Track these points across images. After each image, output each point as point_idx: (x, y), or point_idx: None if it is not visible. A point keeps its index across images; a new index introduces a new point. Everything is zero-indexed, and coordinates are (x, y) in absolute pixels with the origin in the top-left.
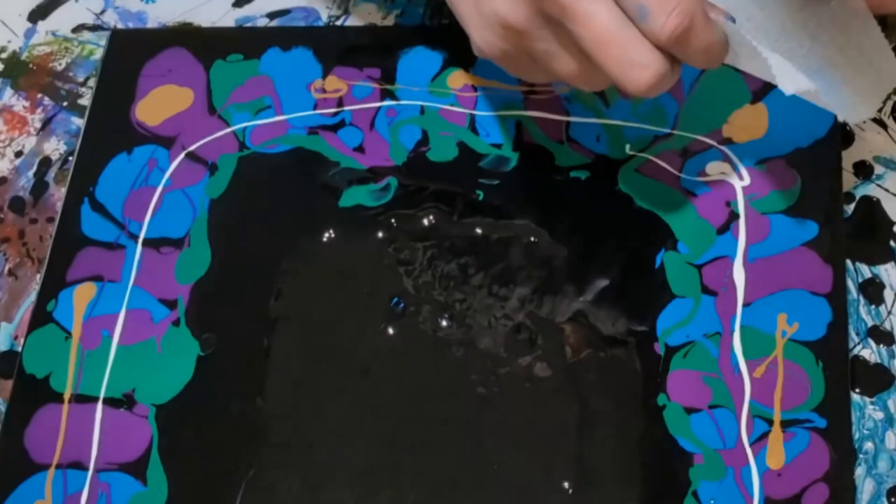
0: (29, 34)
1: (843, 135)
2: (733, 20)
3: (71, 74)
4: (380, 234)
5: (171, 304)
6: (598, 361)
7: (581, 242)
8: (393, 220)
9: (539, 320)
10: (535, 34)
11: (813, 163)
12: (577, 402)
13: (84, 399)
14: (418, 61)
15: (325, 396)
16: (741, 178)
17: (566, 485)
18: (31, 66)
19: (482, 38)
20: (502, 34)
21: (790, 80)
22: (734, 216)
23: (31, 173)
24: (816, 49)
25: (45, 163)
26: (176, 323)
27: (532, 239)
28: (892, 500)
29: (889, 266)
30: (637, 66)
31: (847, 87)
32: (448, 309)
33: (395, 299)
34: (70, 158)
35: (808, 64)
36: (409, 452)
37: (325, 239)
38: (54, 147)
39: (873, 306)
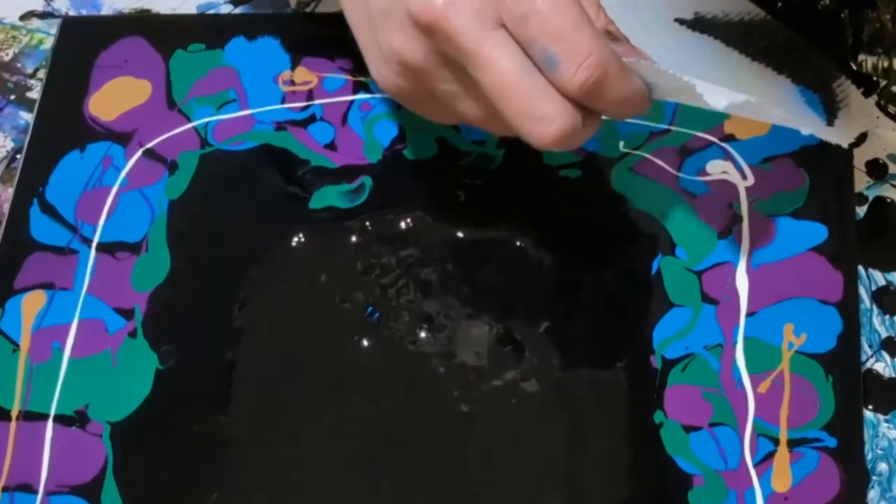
0: None
1: None
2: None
3: (19, 65)
4: (353, 239)
5: (127, 314)
6: (589, 376)
7: (571, 247)
8: (368, 223)
9: (526, 332)
10: (434, 74)
11: (822, 161)
12: (567, 421)
13: (33, 416)
14: None
15: (295, 414)
16: (744, 177)
17: None
18: None
19: (380, 73)
20: (400, 71)
21: (720, 95)
22: (737, 219)
23: None
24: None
25: None
26: (133, 334)
27: (518, 244)
28: None
29: None
30: (540, 118)
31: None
32: (427, 319)
33: (370, 309)
34: (18, 156)
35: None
36: (387, 475)
37: (294, 243)
38: (1, 144)
39: (887, 316)
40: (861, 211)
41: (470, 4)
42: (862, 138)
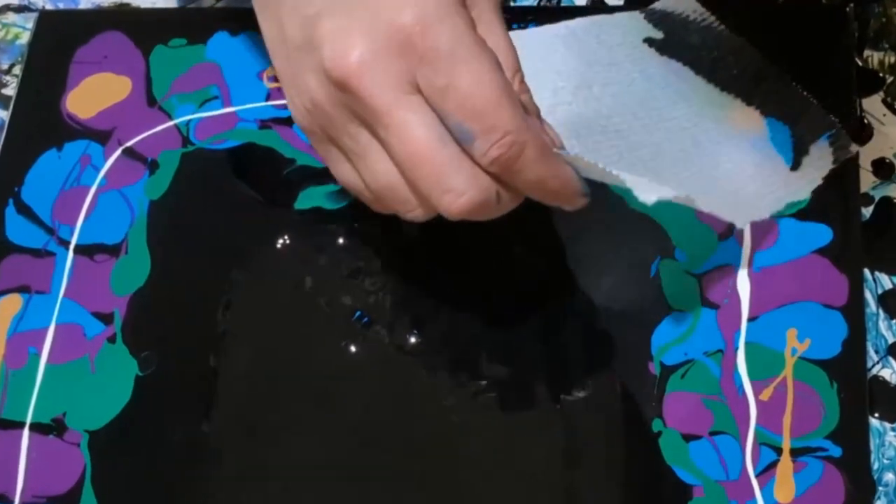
0: None
1: (860, 130)
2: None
3: None
4: (340, 241)
5: (106, 319)
6: (585, 383)
7: (567, 250)
8: (355, 224)
9: (520, 337)
10: (343, 127)
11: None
12: (562, 429)
13: (9, 425)
14: None
15: (280, 422)
16: None
17: None
18: None
19: (291, 102)
20: (311, 109)
21: (649, 189)
22: None
23: None
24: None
25: None
26: (112, 339)
27: (512, 246)
28: None
29: None
30: (451, 191)
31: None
32: (417, 324)
33: (358, 313)
34: None
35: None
36: (376, 486)
37: (278, 245)
38: None
39: (894, 321)
40: (867, 212)
41: (386, 66)
42: (867, 137)
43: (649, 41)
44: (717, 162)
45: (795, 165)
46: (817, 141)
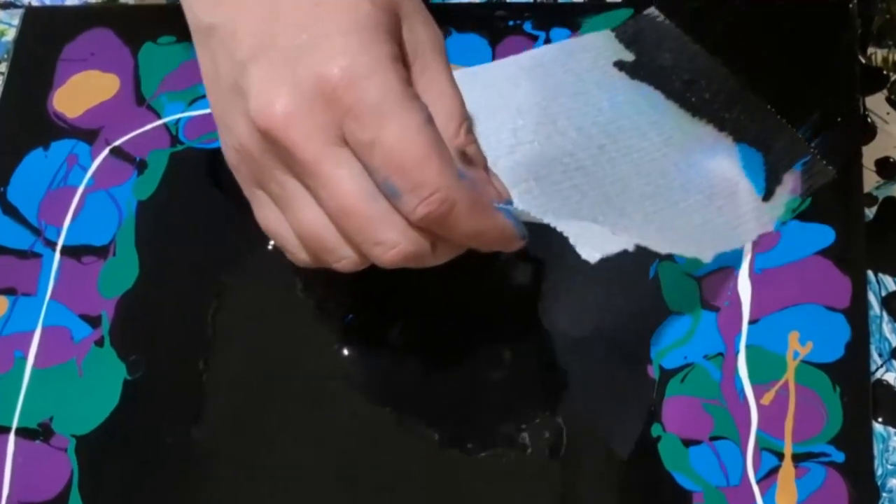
0: None
1: (863, 128)
2: (509, 203)
3: None
4: None
5: (93, 321)
6: (583, 386)
7: (563, 251)
8: None
9: (516, 339)
10: (268, 174)
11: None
12: (559, 434)
13: None
14: None
15: (271, 427)
16: None
17: None
18: None
19: (222, 138)
20: (239, 151)
21: (593, 245)
22: None
23: None
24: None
25: None
26: (99, 342)
27: None
28: None
29: None
30: (382, 243)
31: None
32: (409, 327)
33: (350, 316)
34: None
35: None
36: (368, 488)
37: (269, 247)
38: None
39: None
40: (870, 212)
41: (312, 118)
42: (871, 136)
43: (620, 64)
44: (685, 194)
45: (767, 195)
46: (791, 169)
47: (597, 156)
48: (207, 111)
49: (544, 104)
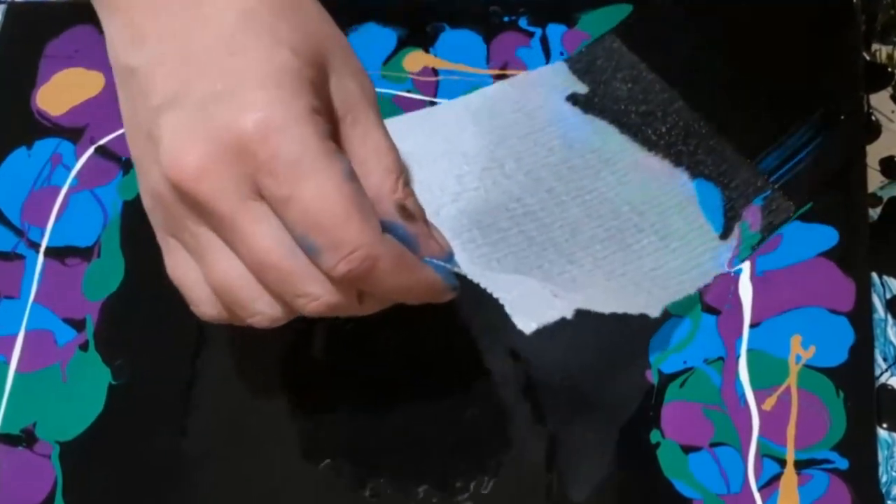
0: None
1: (867, 126)
2: (450, 255)
3: None
4: None
5: (78, 325)
6: (579, 391)
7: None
8: None
9: (511, 342)
10: (181, 223)
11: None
12: (555, 439)
13: None
14: (368, 40)
15: (259, 432)
16: None
17: None
18: None
19: (139, 180)
20: (154, 197)
21: (529, 314)
22: None
23: None
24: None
25: None
26: (84, 346)
27: None
28: None
29: None
30: (304, 296)
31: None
32: (402, 331)
33: (349, 323)
34: None
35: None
36: (358, 495)
37: None
38: None
39: None
40: (874, 213)
41: (225, 172)
42: (875, 135)
43: (573, 98)
44: (639, 235)
45: (725, 233)
46: (750, 204)
47: (545, 199)
48: None
49: (492, 148)
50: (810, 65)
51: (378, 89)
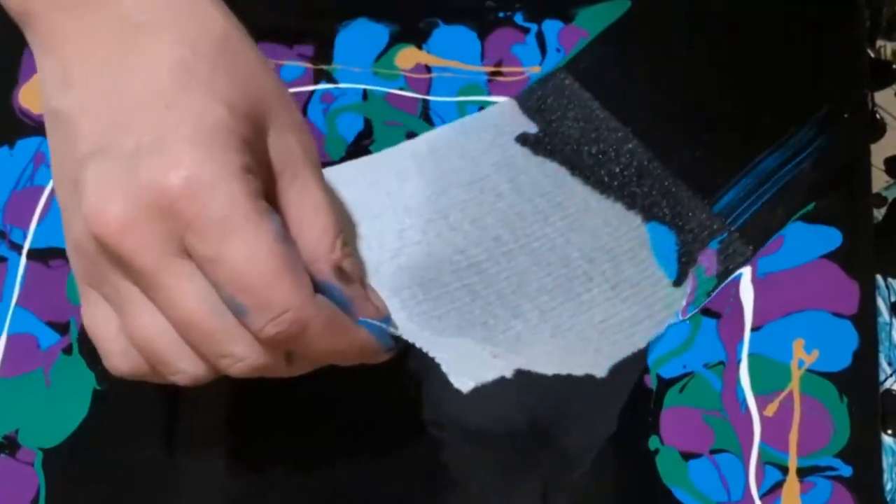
0: None
1: (871, 125)
2: (387, 320)
3: None
4: None
5: (61, 328)
6: (576, 396)
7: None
8: None
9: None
10: (103, 276)
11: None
12: (550, 446)
13: None
14: (360, 36)
15: (248, 439)
16: None
17: None
18: None
19: (63, 228)
20: (76, 247)
21: (465, 375)
22: None
23: None
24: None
25: None
26: (67, 350)
27: None
28: None
29: None
30: (228, 356)
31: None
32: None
33: None
34: None
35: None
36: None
37: None
38: None
39: None
40: (879, 213)
41: (149, 228)
42: (880, 134)
43: (523, 139)
44: (588, 284)
45: (679, 280)
46: (706, 248)
47: (492, 249)
48: None
49: (435, 198)
50: (813, 61)
51: (370, 87)
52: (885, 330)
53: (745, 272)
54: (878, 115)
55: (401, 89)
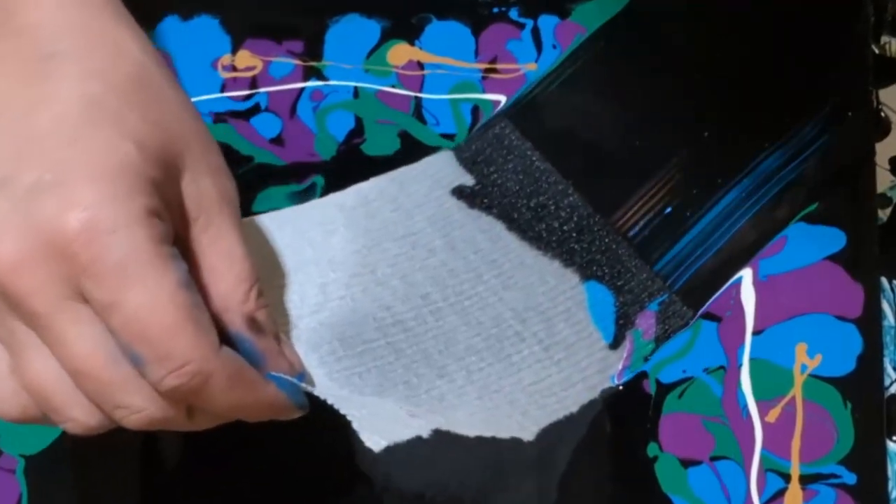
0: None
1: (876, 123)
2: (301, 376)
3: None
4: None
5: None
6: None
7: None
8: None
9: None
10: None
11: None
12: (548, 454)
13: None
14: (351, 32)
15: (236, 443)
16: None
17: None
18: None
19: None
20: None
21: (377, 434)
22: None
23: None
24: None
25: None
26: None
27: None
28: None
29: None
30: (124, 407)
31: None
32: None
33: None
34: None
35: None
36: None
37: None
38: None
39: None
40: (884, 214)
41: (44, 270)
42: (885, 133)
43: (459, 192)
44: (520, 345)
45: (616, 342)
46: (644, 310)
47: (419, 307)
48: None
49: (364, 252)
50: (816, 58)
51: (361, 84)
52: (890, 334)
53: (746, 274)
54: (882, 113)
55: (393, 87)
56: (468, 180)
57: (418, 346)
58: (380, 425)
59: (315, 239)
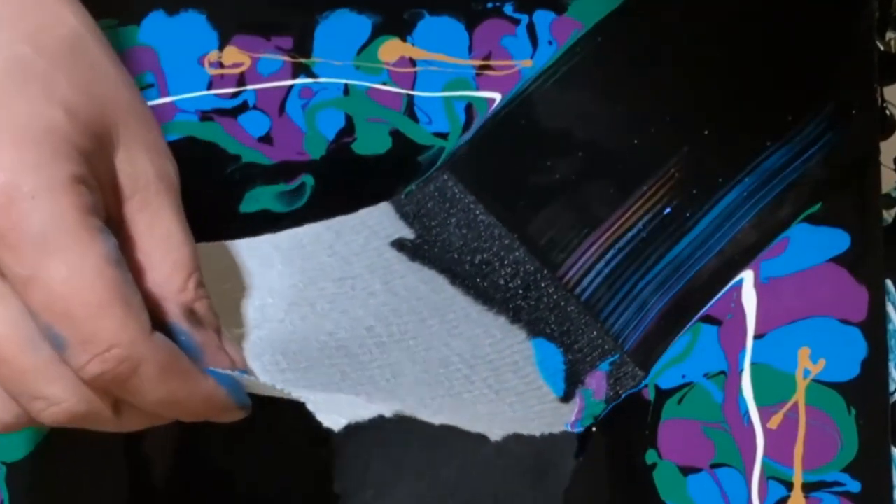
0: None
1: (881, 121)
2: (242, 372)
3: None
4: None
5: None
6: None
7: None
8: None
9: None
10: None
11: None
12: (545, 461)
13: None
14: (341, 28)
15: (222, 448)
16: None
17: None
18: None
19: None
20: None
21: (336, 413)
22: None
23: None
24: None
25: None
26: None
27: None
28: None
29: None
30: (42, 398)
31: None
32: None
33: None
34: None
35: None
36: None
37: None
38: None
39: None
40: (889, 215)
41: None
42: (890, 131)
43: (399, 244)
44: (470, 386)
45: (567, 396)
46: (595, 370)
47: (363, 338)
48: (153, 102)
49: (301, 287)
50: (820, 55)
51: (351, 82)
52: (895, 338)
53: (748, 276)
54: (888, 112)
55: (384, 84)
56: (409, 234)
57: (364, 372)
58: (337, 407)
59: (253, 269)
